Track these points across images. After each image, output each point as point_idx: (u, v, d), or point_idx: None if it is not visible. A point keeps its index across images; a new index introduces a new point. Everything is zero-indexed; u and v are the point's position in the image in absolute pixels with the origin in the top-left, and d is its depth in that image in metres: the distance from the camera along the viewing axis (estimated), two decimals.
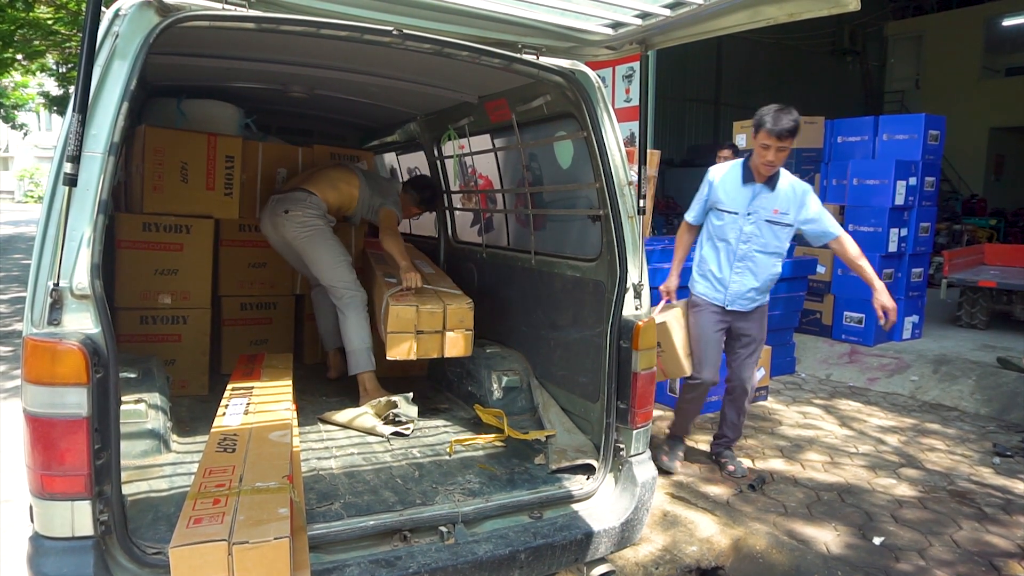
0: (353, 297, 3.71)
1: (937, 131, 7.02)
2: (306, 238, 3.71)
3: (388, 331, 3.24)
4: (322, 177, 3.90)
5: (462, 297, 3.43)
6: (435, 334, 3.28)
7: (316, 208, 3.73)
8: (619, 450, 2.63)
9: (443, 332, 3.29)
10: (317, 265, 3.78)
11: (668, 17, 2.29)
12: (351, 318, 3.67)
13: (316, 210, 3.73)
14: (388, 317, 3.24)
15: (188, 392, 3.62)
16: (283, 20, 2.17)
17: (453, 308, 3.30)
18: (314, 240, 3.72)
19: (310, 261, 3.80)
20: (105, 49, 1.86)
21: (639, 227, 2.68)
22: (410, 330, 3.23)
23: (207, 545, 1.72)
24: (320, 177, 3.89)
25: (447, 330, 3.30)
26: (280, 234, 3.77)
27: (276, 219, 3.73)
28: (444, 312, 3.28)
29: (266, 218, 3.82)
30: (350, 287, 3.73)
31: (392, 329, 3.22)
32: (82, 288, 1.78)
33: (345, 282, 3.73)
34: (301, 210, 3.69)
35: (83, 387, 1.75)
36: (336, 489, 2.54)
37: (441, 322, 3.28)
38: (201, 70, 3.29)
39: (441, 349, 3.31)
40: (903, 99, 17.96)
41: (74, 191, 1.76)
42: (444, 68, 2.96)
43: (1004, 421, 5.16)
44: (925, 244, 7.12)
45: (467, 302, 3.37)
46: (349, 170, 4.04)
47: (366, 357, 3.65)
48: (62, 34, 12.79)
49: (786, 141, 3.45)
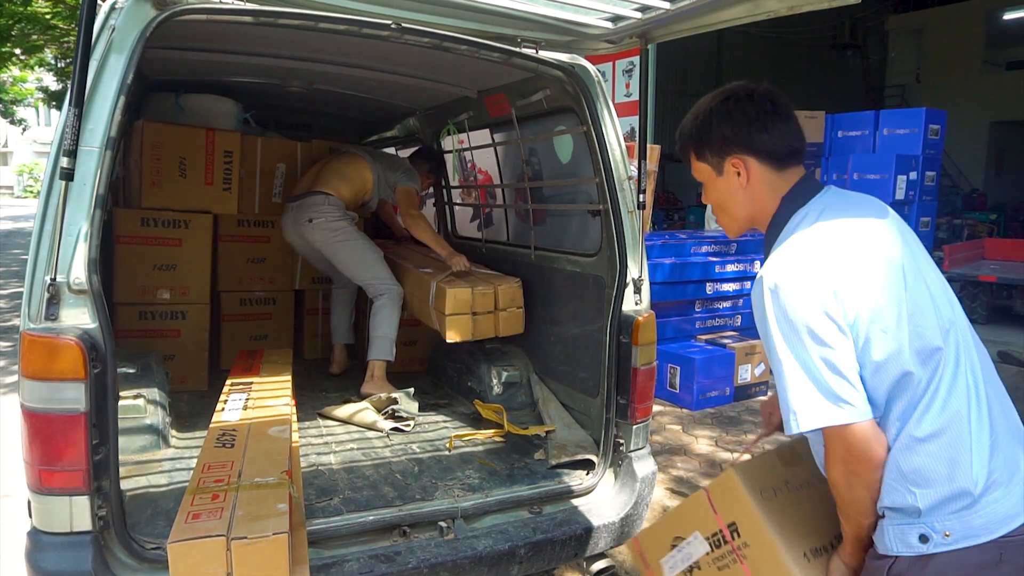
0: (390, 290, 3.75)
1: (938, 125, 7.02)
2: (337, 243, 3.76)
3: (447, 314, 3.30)
4: (330, 173, 3.89)
5: (509, 277, 3.50)
6: (488, 314, 3.38)
7: (337, 209, 3.76)
8: (619, 445, 2.62)
9: (496, 312, 3.38)
10: (350, 267, 3.84)
11: (668, 11, 2.28)
12: (387, 308, 3.72)
13: (337, 211, 3.76)
14: (446, 301, 3.30)
15: (187, 387, 3.62)
16: (281, 13, 2.16)
17: (504, 288, 3.39)
18: (345, 244, 3.77)
19: (342, 264, 3.85)
20: (102, 43, 1.84)
21: (639, 222, 2.67)
22: (467, 311, 3.32)
23: (206, 540, 1.71)
24: (328, 173, 3.88)
25: (499, 309, 3.38)
26: (308, 241, 3.82)
27: (301, 228, 3.77)
28: (495, 292, 3.37)
29: (289, 227, 3.85)
30: (386, 281, 3.77)
31: (451, 311, 3.29)
32: (79, 283, 1.77)
33: (381, 278, 3.79)
34: (324, 216, 3.72)
35: (81, 382, 1.75)
36: (335, 484, 2.54)
37: (493, 302, 3.37)
38: (199, 64, 3.28)
39: (496, 328, 3.40)
40: (904, 93, 17.95)
41: (71, 186, 1.75)
42: (443, 62, 2.95)
43: None
44: (925, 239, 7.12)
45: (516, 281, 3.45)
46: (353, 155, 4.04)
47: (389, 347, 3.72)
48: (60, 28, 12.77)
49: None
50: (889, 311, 1.27)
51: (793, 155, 1.45)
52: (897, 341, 1.26)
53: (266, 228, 4.17)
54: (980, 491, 1.24)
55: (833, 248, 1.31)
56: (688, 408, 5.28)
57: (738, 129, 1.43)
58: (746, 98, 1.43)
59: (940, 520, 1.24)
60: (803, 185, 1.44)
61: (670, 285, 5.68)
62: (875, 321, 1.26)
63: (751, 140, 1.42)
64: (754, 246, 6.30)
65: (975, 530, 1.23)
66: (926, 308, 1.30)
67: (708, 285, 5.97)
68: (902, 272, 1.31)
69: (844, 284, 1.27)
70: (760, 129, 1.42)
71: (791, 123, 1.44)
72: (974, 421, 1.27)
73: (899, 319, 1.27)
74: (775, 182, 1.45)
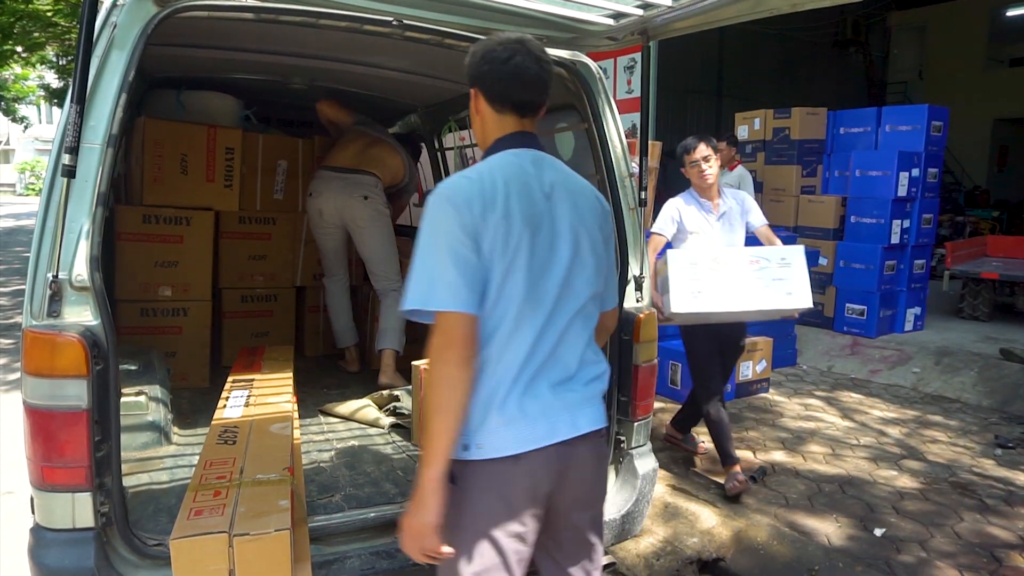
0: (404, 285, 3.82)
1: (940, 122, 6.99)
2: (378, 228, 3.87)
3: None
4: (376, 157, 3.99)
5: None
6: None
7: (383, 194, 3.89)
8: (620, 442, 2.62)
9: None
10: (379, 254, 3.92)
11: (670, 8, 2.28)
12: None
13: (383, 196, 3.89)
14: None
15: (189, 384, 3.63)
16: (282, 10, 2.16)
17: None
18: (384, 230, 3.89)
19: (372, 249, 3.92)
20: (103, 40, 1.84)
21: (640, 219, 2.67)
22: None
23: (208, 537, 1.72)
24: (374, 157, 3.97)
25: None
26: (347, 215, 3.86)
27: (350, 202, 3.82)
28: None
29: (330, 196, 3.85)
30: (402, 277, 3.85)
31: None
32: (81, 280, 1.77)
33: (399, 272, 3.92)
34: (377, 196, 3.83)
35: (83, 379, 1.75)
36: (337, 481, 2.55)
37: None
38: (200, 61, 3.28)
39: None
40: (906, 90, 17.88)
41: (73, 183, 1.75)
42: (445, 59, 2.94)
43: (1006, 413, 5.15)
44: (928, 236, 7.10)
45: None
46: (389, 146, 4.12)
47: (399, 337, 3.84)
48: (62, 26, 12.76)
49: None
50: (499, 262, 1.51)
51: (514, 105, 1.62)
52: (496, 283, 1.51)
53: (267, 225, 4.18)
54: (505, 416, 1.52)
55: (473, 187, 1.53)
56: None
57: (473, 63, 1.63)
58: (499, 44, 1.61)
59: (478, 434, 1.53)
60: (515, 138, 1.63)
61: None
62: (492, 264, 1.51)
63: (480, 76, 1.62)
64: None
65: (500, 446, 1.52)
66: (525, 269, 1.52)
67: None
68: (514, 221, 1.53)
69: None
70: (488, 71, 1.60)
71: (522, 75, 1.59)
72: (514, 363, 1.53)
73: (508, 270, 1.51)
74: (495, 122, 1.65)
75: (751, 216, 3.79)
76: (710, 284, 3.18)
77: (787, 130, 7.56)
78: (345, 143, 4.00)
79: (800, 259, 3.23)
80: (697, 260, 3.22)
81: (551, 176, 1.64)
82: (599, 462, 1.72)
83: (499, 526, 1.54)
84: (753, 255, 3.24)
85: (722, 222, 3.71)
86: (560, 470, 1.59)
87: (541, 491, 1.58)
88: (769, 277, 3.19)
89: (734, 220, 3.74)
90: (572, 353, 1.63)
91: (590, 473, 1.67)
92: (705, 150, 3.63)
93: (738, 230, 3.76)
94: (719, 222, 3.70)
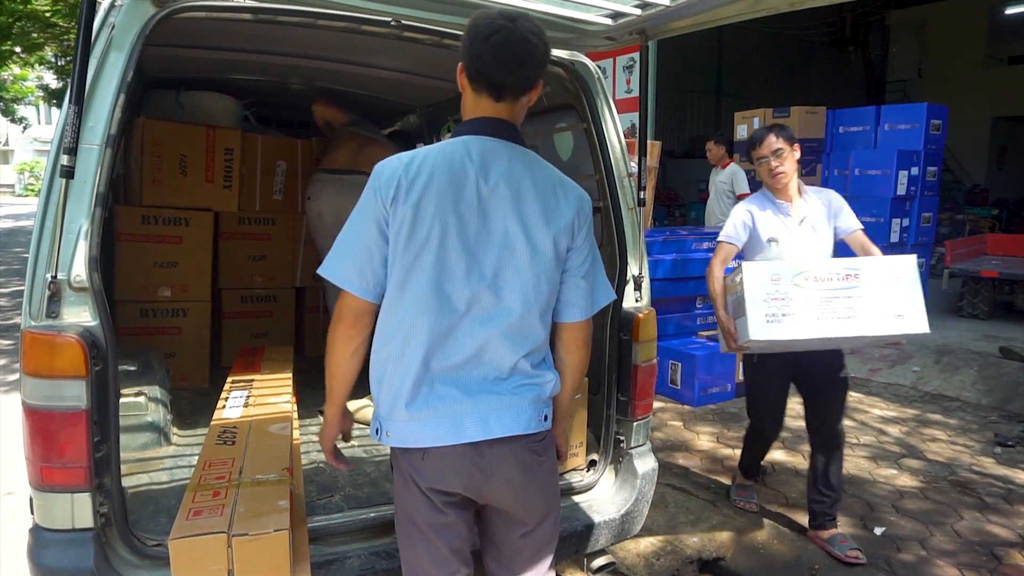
0: None
1: (939, 120, 7.00)
2: None
3: None
4: (371, 157, 3.83)
5: None
6: None
7: None
8: (619, 442, 2.62)
9: None
10: None
11: (668, 7, 2.27)
12: None
13: None
14: None
15: (188, 385, 3.62)
16: (280, 11, 2.16)
17: None
18: None
19: None
20: (101, 40, 1.84)
21: (639, 219, 2.67)
22: None
23: (207, 537, 1.72)
24: (370, 156, 3.83)
25: None
26: (345, 218, 3.75)
27: (347, 203, 3.64)
28: None
29: (328, 198, 3.76)
30: None
31: None
32: (80, 281, 1.77)
33: None
34: None
35: (82, 379, 1.75)
36: (336, 481, 2.55)
37: None
38: (199, 62, 3.28)
39: None
40: (905, 88, 17.88)
41: (71, 183, 1.75)
42: (443, 59, 2.93)
43: (1006, 411, 5.16)
44: (927, 234, 7.11)
45: None
46: (383, 145, 4.02)
47: None
48: (60, 26, 12.76)
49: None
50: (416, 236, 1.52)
51: (489, 86, 1.57)
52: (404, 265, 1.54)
53: (267, 225, 4.18)
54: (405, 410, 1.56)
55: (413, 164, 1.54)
56: (689, 404, 5.29)
57: (464, 41, 1.58)
58: (485, 18, 1.55)
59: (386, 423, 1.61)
60: (481, 123, 1.60)
61: (671, 281, 5.67)
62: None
63: (464, 50, 1.58)
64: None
65: (404, 438, 1.59)
66: (431, 267, 1.52)
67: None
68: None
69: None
70: (468, 46, 1.56)
71: (501, 55, 1.52)
72: (416, 360, 1.55)
73: (421, 249, 1.52)
74: (471, 102, 1.62)
75: (841, 219, 3.15)
76: (798, 304, 2.67)
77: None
78: (338, 144, 3.99)
79: (911, 272, 2.69)
80: (781, 274, 2.72)
81: (499, 173, 1.56)
82: (526, 471, 1.63)
83: (419, 513, 1.63)
84: (850, 267, 2.70)
85: (804, 227, 3.14)
86: (473, 473, 1.58)
87: (452, 488, 1.60)
88: (872, 295, 2.65)
89: (819, 224, 3.14)
90: (499, 359, 1.58)
91: (517, 482, 1.62)
92: (775, 142, 3.08)
93: (824, 236, 3.14)
94: (800, 227, 3.15)
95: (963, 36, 16.90)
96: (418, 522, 1.63)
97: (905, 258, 2.73)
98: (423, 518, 1.62)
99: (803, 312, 2.65)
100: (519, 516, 1.68)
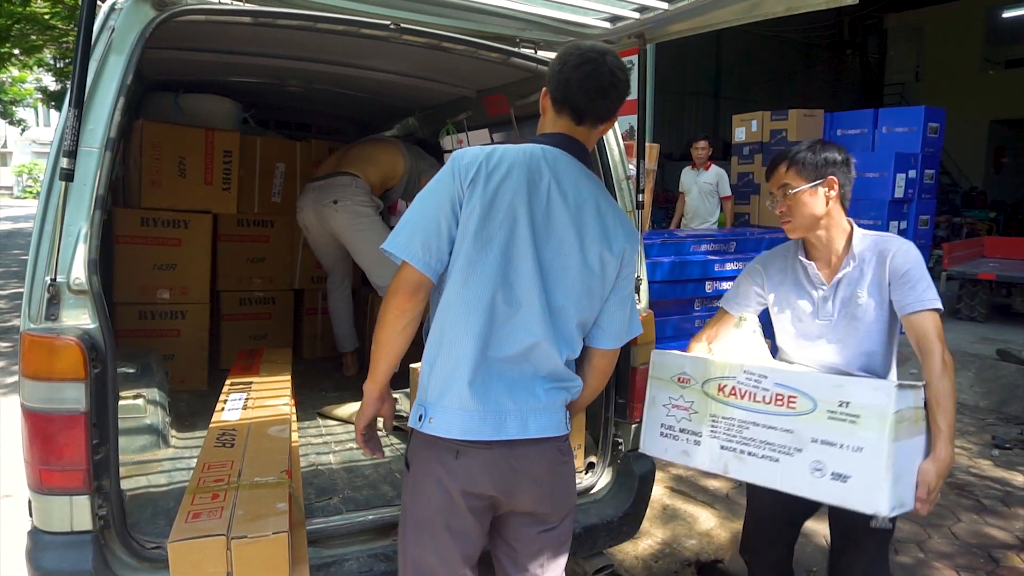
0: None
1: (937, 123, 7.02)
2: (360, 231, 3.59)
3: None
4: (359, 155, 3.79)
5: None
6: None
7: (363, 192, 3.61)
8: (617, 444, 2.63)
9: None
10: (369, 259, 3.66)
11: (666, 11, 2.28)
12: None
13: (364, 195, 3.61)
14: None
15: (187, 387, 3.62)
16: (279, 14, 2.16)
17: None
18: (368, 233, 3.59)
19: (361, 255, 3.69)
20: (101, 43, 1.85)
21: (637, 221, 2.67)
22: None
23: (205, 540, 1.72)
24: (357, 156, 3.79)
25: None
26: (327, 226, 3.64)
27: (323, 210, 3.59)
28: None
29: (308, 209, 3.71)
30: None
31: None
32: (79, 283, 1.77)
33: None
34: (351, 198, 3.56)
35: (81, 382, 1.75)
36: (335, 484, 2.55)
37: None
38: (198, 64, 3.28)
39: None
40: (903, 92, 17.94)
41: (71, 186, 1.75)
42: (442, 62, 2.95)
43: (1003, 413, 5.16)
44: (925, 237, 7.12)
45: None
46: (386, 140, 4.00)
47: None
48: (59, 28, 12.75)
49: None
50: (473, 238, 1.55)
51: (572, 110, 1.67)
52: (467, 257, 1.55)
53: (265, 228, 4.18)
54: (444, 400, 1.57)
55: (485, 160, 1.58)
56: None
57: (551, 63, 1.71)
58: (578, 49, 1.66)
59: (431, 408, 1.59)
60: (557, 138, 1.69)
61: (669, 284, 5.67)
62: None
63: (550, 76, 1.69)
64: (754, 245, 6.29)
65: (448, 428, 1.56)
66: (496, 245, 1.55)
67: (707, 284, 5.96)
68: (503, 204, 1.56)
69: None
70: (557, 72, 1.67)
71: (586, 85, 1.63)
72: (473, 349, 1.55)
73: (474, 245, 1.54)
74: (551, 120, 1.72)
75: (898, 290, 1.97)
76: (701, 421, 1.98)
77: (784, 132, 7.58)
78: (337, 152, 4.01)
79: (882, 413, 1.68)
80: (691, 374, 2.03)
81: (569, 184, 1.63)
82: (552, 472, 1.67)
83: (439, 514, 1.61)
84: (786, 385, 1.83)
85: (837, 303, 2.05)
86: (504, 474, 1.59)
87: (483, 490, 1.60)
88: (807, 435, 1.78)
89: (862, 298, 2.01)
90: (544, 360, 1.61)
91: (545, 482, 1.65)
92: (784, 175, 2.04)
93: (869, 316, 2.02)
94: (833, 306, 2.06)
95: (960, 39, 16.96)
96: (435, 523, 1.61)
97: (883, 387, 1.72)
98: (443, 520, 1.61)
99: (706, 434, 1.97)
100: (542, 514, 1.70)
